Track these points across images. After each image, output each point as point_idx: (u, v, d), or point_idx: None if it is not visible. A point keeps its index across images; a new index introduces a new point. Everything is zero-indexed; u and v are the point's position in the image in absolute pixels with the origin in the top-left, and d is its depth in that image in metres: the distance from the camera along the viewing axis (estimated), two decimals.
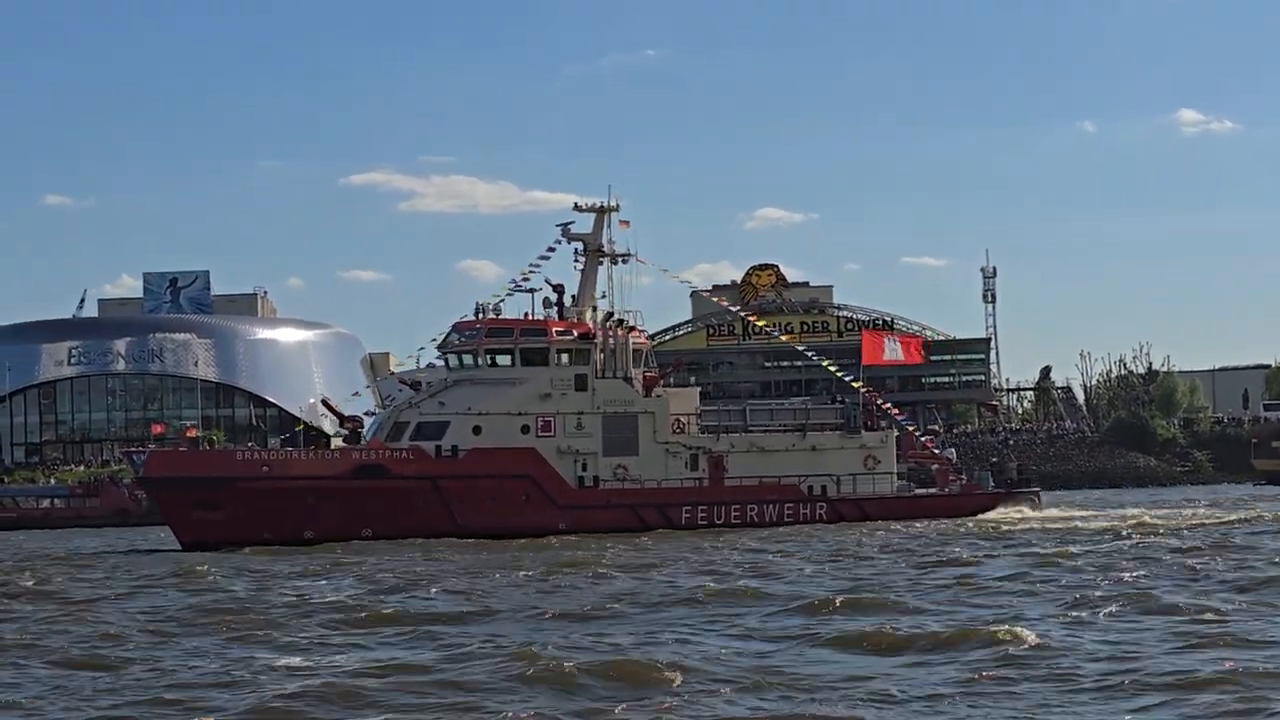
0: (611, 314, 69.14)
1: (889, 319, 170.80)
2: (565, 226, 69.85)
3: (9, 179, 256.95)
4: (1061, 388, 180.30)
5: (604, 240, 70.05)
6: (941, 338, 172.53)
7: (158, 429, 79.74)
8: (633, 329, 69.24)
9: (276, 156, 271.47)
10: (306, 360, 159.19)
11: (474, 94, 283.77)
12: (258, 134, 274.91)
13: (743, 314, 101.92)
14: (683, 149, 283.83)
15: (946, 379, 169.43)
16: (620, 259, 69.99)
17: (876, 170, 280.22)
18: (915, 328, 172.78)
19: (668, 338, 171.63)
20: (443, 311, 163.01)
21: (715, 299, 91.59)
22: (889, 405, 72.13)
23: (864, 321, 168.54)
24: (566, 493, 66.37)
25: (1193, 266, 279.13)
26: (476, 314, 68.42)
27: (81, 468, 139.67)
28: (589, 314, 69.23)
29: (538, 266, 69.80)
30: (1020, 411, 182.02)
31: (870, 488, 68.86)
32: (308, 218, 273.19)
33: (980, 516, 67.48)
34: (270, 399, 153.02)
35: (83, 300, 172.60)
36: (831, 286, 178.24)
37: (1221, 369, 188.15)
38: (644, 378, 68.98)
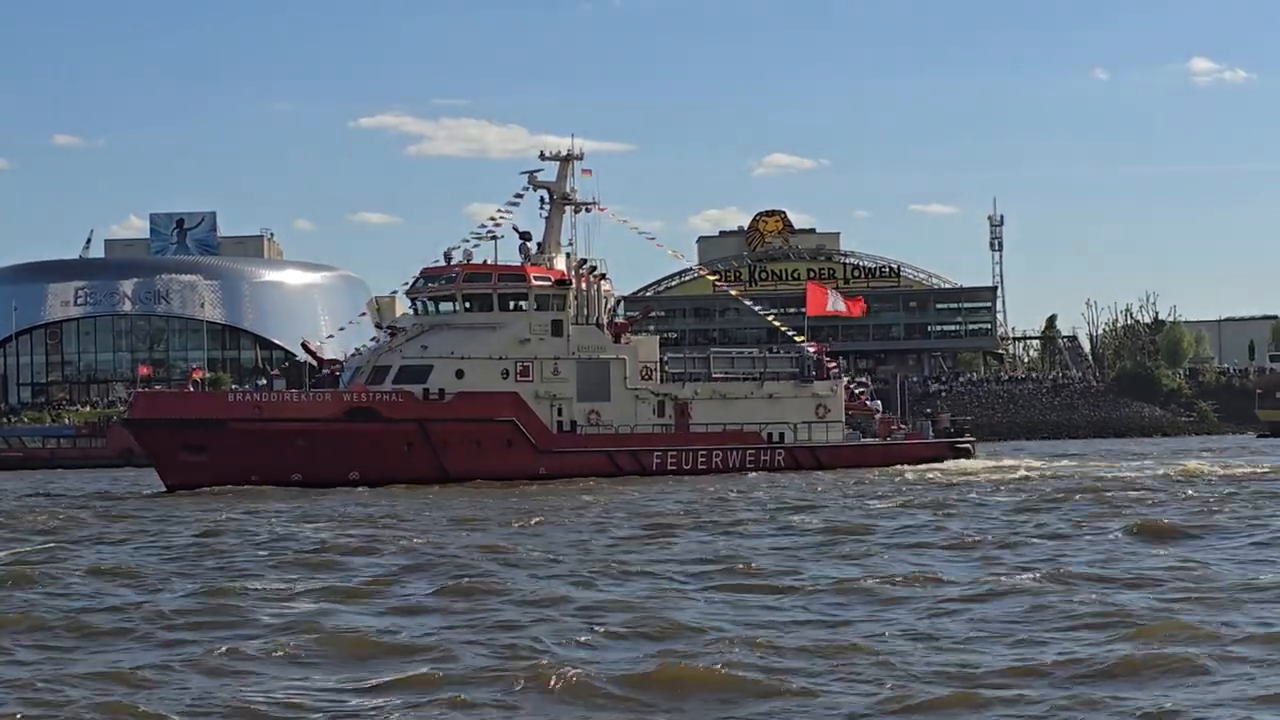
0: (585, 260, 69.30)
1: (895, 266, 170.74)
2: (531, 174, 69.97)
3: (19, 118, 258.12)
4: (1067, 337, 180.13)
5: (569, 188, 70.22)
6: (948, 286, 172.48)
7: (144, 370, 79.72)
8: (602, 276, 69.63)
9: (286, 97, 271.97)
10: (312, 303, 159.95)
11: (487, 34, 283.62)
12: (268, 74, 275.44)
13: (699, 270, 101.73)
14: (693, 93, 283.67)
15: (953, 327, 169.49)
16: (585, 208, 70.16)
17: (887, 117, 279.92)
18: (921, 275, 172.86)
19: (674, 283, 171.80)
20: None
21: (671, 252, 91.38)
22: (827, 357, 72.74)
23: (870, 269, 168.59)
24: (547, 437, 66.40)
25: (1201, 217, 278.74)
26: (446, 260, 68.56)
27: (88, 408, 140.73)
28: (560, 260, 69.46)
29: (506, 214, 69.97)
30: (1026, 360, 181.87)
31: (823, 436, 70.01)
32: (317, 159, 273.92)
33: (940, 464, 68.89)
34: (276, 341, 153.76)
35: (89, 240, 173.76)
36: (838, 234, 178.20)
37: (1228, 319, 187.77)
38: (612, 324, 69.50)
